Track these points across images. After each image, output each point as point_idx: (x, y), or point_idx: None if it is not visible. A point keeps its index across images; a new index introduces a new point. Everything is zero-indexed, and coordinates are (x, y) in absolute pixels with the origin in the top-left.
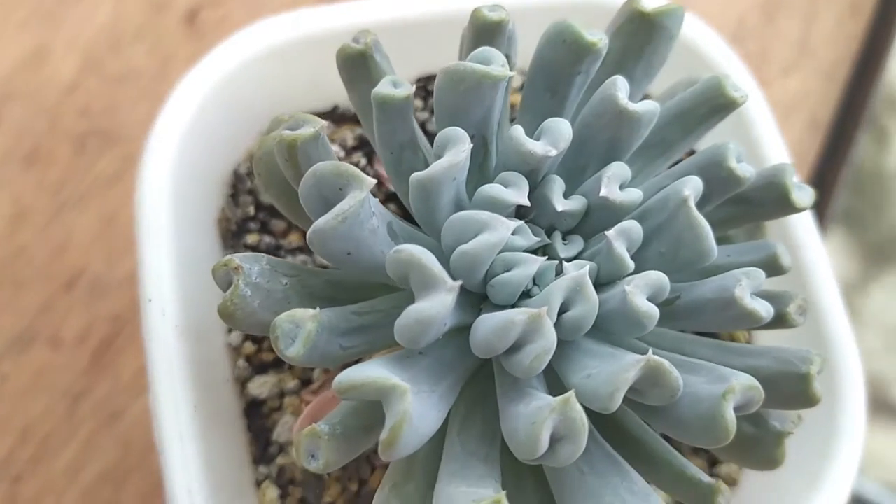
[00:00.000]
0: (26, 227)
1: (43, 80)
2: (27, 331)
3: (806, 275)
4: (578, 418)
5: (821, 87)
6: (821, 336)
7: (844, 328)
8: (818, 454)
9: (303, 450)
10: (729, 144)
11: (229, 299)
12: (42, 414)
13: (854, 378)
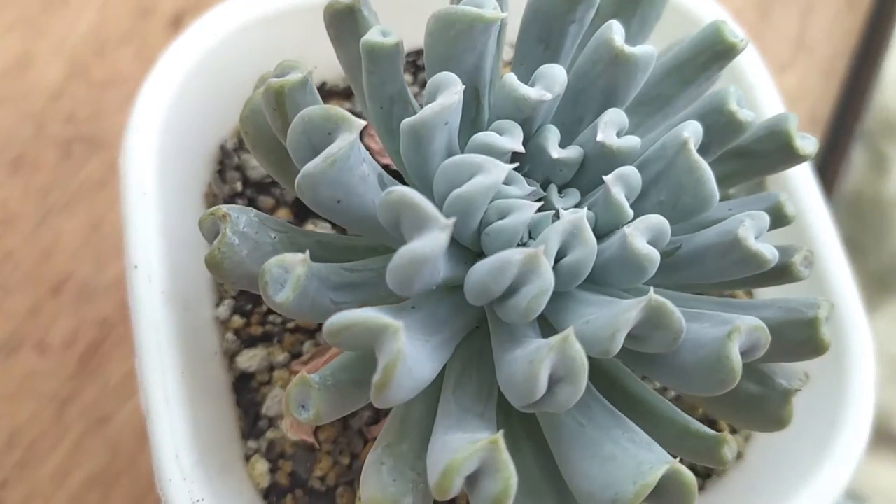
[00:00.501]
0: (12, 232)
1: (28, 85)
2: (14, 336)
3: (809, 235)
4: (578, 357)
5: (819, 84)
6: (825, 295)
7: (850, 289)
8: (826, 422)
9: (293, 399)
10: (729, 88)
11: (217, 248)
12: (29, 419)
13: (862, 338)
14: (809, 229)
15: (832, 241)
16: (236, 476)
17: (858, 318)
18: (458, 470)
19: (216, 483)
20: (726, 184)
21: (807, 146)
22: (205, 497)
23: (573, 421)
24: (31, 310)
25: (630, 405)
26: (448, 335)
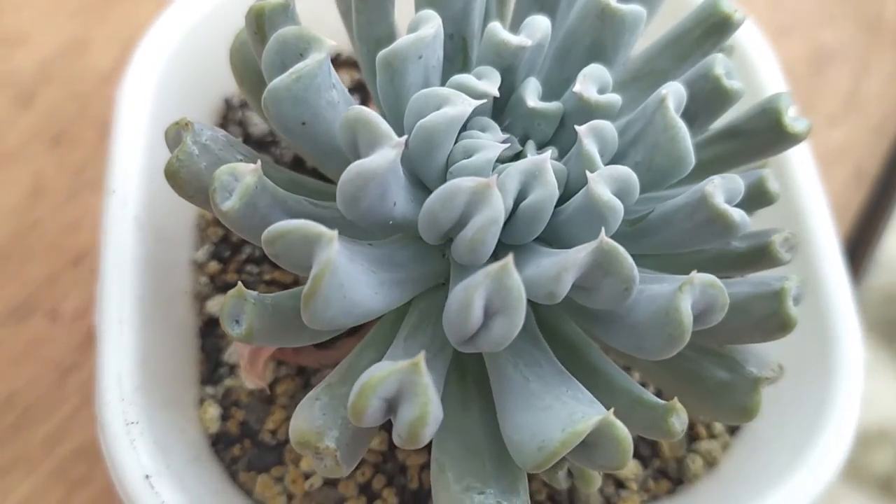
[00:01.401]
0: (43, 202)
1: (81, 68)
2: (28, 301)
3: (804, 223)
4: (515, 288)
5: (868, 140)
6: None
7: (842, 281)
8: (805, 431)
9: (226, 312)
10: (717, 55)
11: (175, 156)
12: (29, 383)
13: (852, 338)
14: (804, 216)
15: (826, 228)
16: (183, 414)
17: (851, 323)
18: (374, 389)
19: (156, 412)
20: (720, 166)
21: (796, 125)
22: (140, 421)
23: (520, 376)
24: (49, 278)
25: (587, 373)
26: (403, 278)
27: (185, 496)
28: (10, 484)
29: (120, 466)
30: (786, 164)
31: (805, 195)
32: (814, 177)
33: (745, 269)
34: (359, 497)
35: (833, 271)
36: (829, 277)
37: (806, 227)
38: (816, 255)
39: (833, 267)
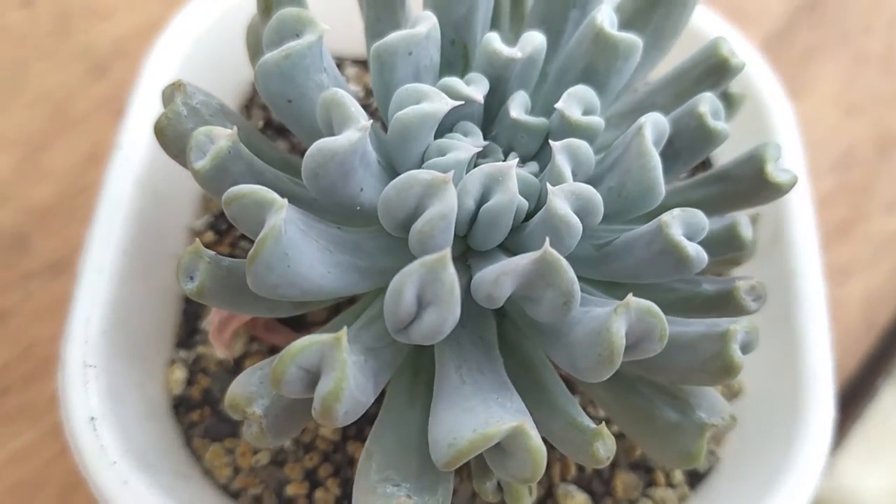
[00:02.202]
0: (97, 169)
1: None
2: (65, 259)
3: (793, 280)
4: (448, 281)
5: None
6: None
7: (824, 345)
8: (768, 484)
9: (182, 267)
10: (705, 95)
11: (164, 114)
12: (50, 338)
13: (823, 406)
14: (795, 276)
15: (817, 293)
16: (148, 371)
17: (824, 390)
18: (293, 358)
19: (117, 361)
20: (708, 208)
21: (779, 175)
22: (98, 365)
23: (458, 378)
24: None
25: (534, 390)
26: (366, 266)
27: (127, 444)
28: (13, 432)
29: (69, 405)
30: (786, 224)
31: (800, 257)
32: (812, 238)
33: (713, 314)
34: (302, 482)
35: (816, 337)
36: (810, 341)
37: (794, 288)
38: (801, 318)
39: (817, 332)
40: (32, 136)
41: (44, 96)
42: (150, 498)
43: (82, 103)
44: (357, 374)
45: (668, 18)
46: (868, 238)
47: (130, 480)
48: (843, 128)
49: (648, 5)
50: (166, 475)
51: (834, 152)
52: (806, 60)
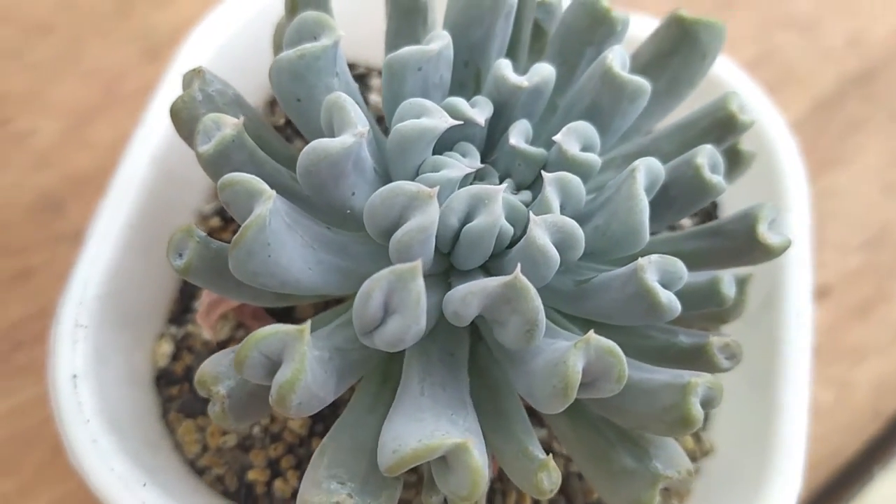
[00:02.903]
0: None
1: None
2: None
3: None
4: (416, 290)
5: None
6: None
7: (801, 416)
8: None
9: (173, 244)
10: (706, 146)
11: (180, 97)
12: None
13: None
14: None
15: (802, 361)
16: (138, 340)
17: (795, 459)
18: (257, 343)
19: (108, 326)
20: (701, 261)
21: (771, 237)
22: (89, 326)
23: (418, 389)
24: None
25: (494, 414)
26: (350, 268)
27: (103, 405)
28: (17, 386)
29: (55, 360)
30: (780, 289)
31: (789, 325)
32: (806, 308)
33: (685, 367)
34: (264, 469)
35: (794, 409)
36: (787, 413)
37: (780, 355)
38: (781, 387)
39: (795, 404)
40: (81, 108)
41: (97, 72)
42: (115, 459)
43: (132, 83)
44: (317, 368)
45: (686, 67)
46: (888, 322)
47: (100, 440)
48: (879, 205)
49: (666, 53)
50: (135, 441)
51: (867, 229)
52: (850, 132)
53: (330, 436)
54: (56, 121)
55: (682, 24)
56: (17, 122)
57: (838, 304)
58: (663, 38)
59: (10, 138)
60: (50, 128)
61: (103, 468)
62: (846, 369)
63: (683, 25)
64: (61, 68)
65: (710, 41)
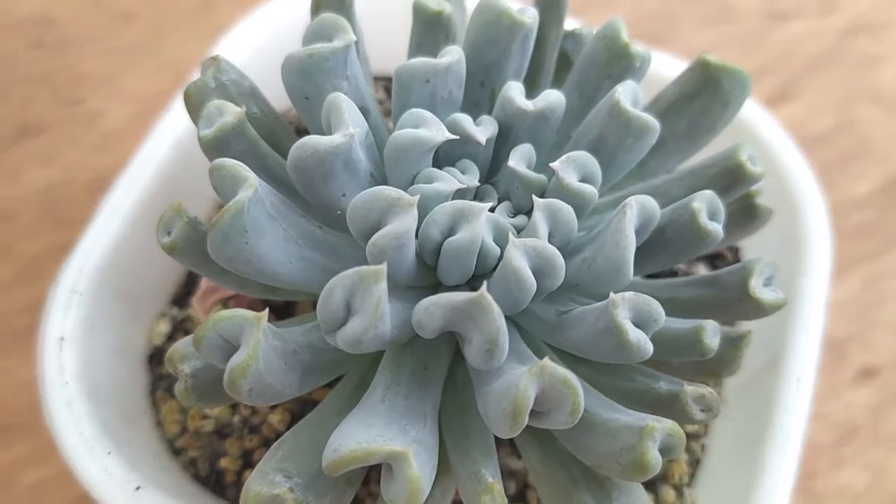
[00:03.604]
0: None
1: None
2: None
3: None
4: (377, 294)
5: None
6: None
7: (789, 470)
8: None
9: (163, 222)
10: (706, 192)
11: (195, 83)
12: None
13: None
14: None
15: (801, 404)
16: (135, 317)
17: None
18: (215, 325)
19: (105, 296)
20: (695, 311)
21: (762, 293)
22: (85, 294)
23: (381, 396)
24: None
25: (455, 432)
26: (334, 267)
27: (84, 371)
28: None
29: (46, 322)
30: (785, 355)
31: (789, 394)
32: (808, 382)
33: (660, 413)
34: (237, 459)
35: (779, 478)
36: (772, 480)
37: (773, 422)
38: (770, 454)
39: (781, 473)
40: (151, 97)
41: (171, 64)
42: (86, 424)
43: None
44: (275, 359)
45: (706, 113)
46: None
47: (74, 403)
48: None
49: (688, 96)
50: (110, 411)
51: None
52: None
53: (292, 431)
54: (126, 106)
55: (706, 69)
56: (90, 102)
57: (884, 387)
58: (687, 81)
59: (81, 117)
60: (119, 112)
61: (72, 430)
62: (885, 455)
63: (708, 70)
64: (138, 56)
65: (733, 89)
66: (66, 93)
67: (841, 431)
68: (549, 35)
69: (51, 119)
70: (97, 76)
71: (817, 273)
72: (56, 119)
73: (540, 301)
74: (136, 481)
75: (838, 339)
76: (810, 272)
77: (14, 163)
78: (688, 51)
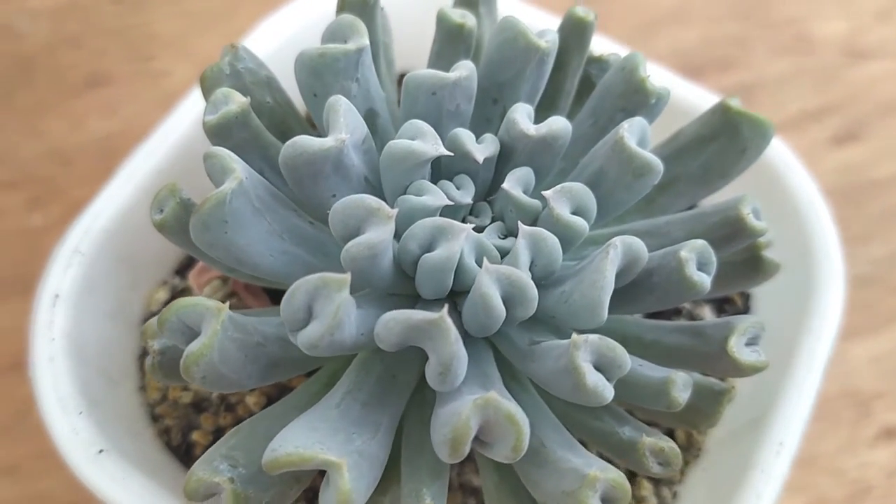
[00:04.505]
0: None
1: None
2: None
3: None
4: (338, 302)
5: None
6: None
7: None
8: None
9: (157, 200)
10: (696, 241)
11: (210, 67)
12: None
13: None
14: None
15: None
16: (135, 283)
17: None
18: (178, 310)
19: (105, 258)
20: (675, 360)
21: (743, 354)
22: (87, 255)
23: (336, 400)
24: None
25: (415, 445)
26: (319, 265)
27: (74, 329)
28: None
29: (45, 280)
30: (768, 424)
31: (763, 464)
32: (789, 451)
33: (620, 461)
34: (209, 434)
35: None
36: None
37: (748, 475)
38: None
39: None
40: None
41: (240, 33)
42: (63, 381)
43: None
44: (233, 350)
45: (720, 157)
46: None
47: (56, 359)
48: None
49: (705, 138)
50: (92, 371)
51: None
52: None
53: (250, 420)
54: (191, 68)
55: (726, 113)
56: (158, 61)
57: None
58: (705, 123)
59: (147, 74)
60: (184, 73)
61: (49, 386)
62: None
63: (728, 114)
64: (211, 22)
65: (752, 137)
66: (138, 49)
67: (854, 489)
68: (571, 59)
69: (120, 72)
70: (169, 37)
71: (821, 335)
72: (125, 73)
73: (516, 326)
74: (101, 445)
75: (866, 394)
76: (814, 332)
77: (80, 110)
78: (755, 79)
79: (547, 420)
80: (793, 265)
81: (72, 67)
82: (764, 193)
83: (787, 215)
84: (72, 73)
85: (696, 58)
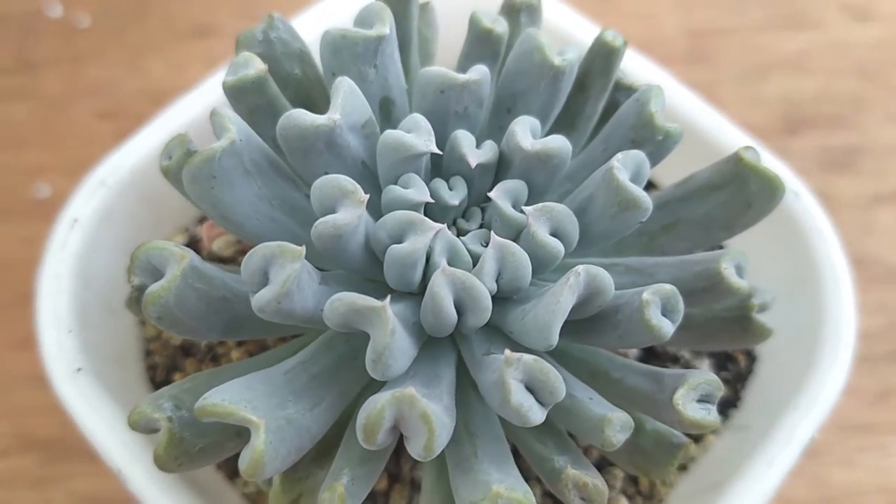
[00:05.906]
0: None
1: None
2: None
3: None
4: (288, 271)
5: None
6: None
7: None
8: None
9: (167, 147)
10: (663, 286)
11: (244, 33)
12: None
13: None
14: None
15: None
16: (156, 224)
17: None
18: (147, 251)
19: (129, 195)
20: (630, 401)
21: (688, 409)
22: (111, 188)
23: (289, 365)
24: None
25: (353, 426)
26: (299, 230)
27: (87, 255)
28: None
29: (66, 205)
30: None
31: None
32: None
33: (549, 485)
34: None
35: None
36: None
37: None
38: None
39: None
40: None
41: None
42: (63, 299)
43: None
44: (193, 298)
45: (725, 208)
46: None
47: (62, 278)
48: None
49: (713, 186)
50: (94, 296)
51: None
52: None
53: (211, 370)
54: None
55: (738, 163)
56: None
57: None
58: (718, 171)
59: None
60: None
61: (49, 301)
62: None
63: (739, 165)
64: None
65: (760, 192)
66: (248, 8)
67: None
68: (594, 83)
69: (226, 27)
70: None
71: (807, 414)
72: (231, 28)
73: (479, 336)
74: (80, 364)
75: None
76: (801, 410)
77: (182, 56)
78: (863, 142)
79: (490, 433)
80: (804, 335)
81: (183, 15)
82: (791, 255)
83: (809, 282)
84: (181, 20)
85: (806, 110)
